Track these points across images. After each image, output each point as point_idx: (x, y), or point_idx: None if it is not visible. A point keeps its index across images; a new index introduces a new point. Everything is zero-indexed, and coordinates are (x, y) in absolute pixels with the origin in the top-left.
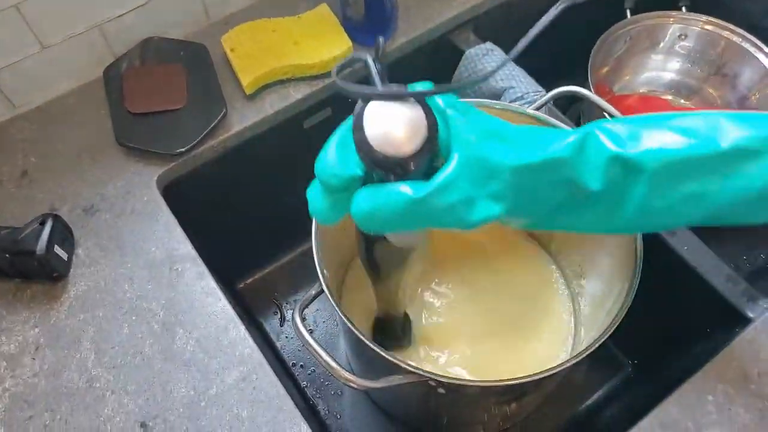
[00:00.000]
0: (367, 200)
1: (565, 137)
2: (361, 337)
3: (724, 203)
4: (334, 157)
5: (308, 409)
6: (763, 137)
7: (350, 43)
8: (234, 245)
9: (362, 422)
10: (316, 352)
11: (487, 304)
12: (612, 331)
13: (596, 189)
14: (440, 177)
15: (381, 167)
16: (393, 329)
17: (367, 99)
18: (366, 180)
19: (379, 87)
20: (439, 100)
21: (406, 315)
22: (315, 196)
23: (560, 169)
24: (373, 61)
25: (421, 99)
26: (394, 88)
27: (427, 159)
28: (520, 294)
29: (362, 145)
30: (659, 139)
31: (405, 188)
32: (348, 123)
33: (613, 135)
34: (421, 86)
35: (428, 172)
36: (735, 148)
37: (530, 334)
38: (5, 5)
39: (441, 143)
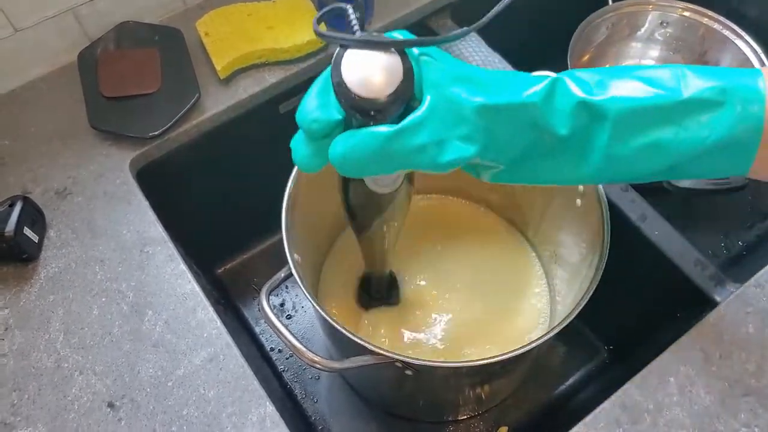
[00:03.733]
0: (343, 141)
1: (535, 83)
2: (325, 315)
3: (684, 153)
4: (315, 103)
5: (284, 394)
6: (723, 89)
7: (325, 28)
8: (212, 229)
9: (339, 406)
10: (282, 333)
11: (466, 289)
12: (568, 322)
13: (563, 134)
14: (411, 117)
15: (358, 111)
16: (378, 287)
17: (346, 46)
18: (346, 127)
19: (358, 34)
20: (414, 49)
21: (391, 274)
22: (298, 144)
23: (529, 112)
24: (353, 9)
25: (398, 47)
26: (373, 35)
27: (402, 103)
28: (499, 279)
29: (341, 89)
30: (624, 87)
31: (378, 129)
32: (327, 71)
33: (581, 82)
34: (398, 34)
35: (404, 117)
36: (696, 98)
37: (508, 317)
38: None
39: (416, 88)
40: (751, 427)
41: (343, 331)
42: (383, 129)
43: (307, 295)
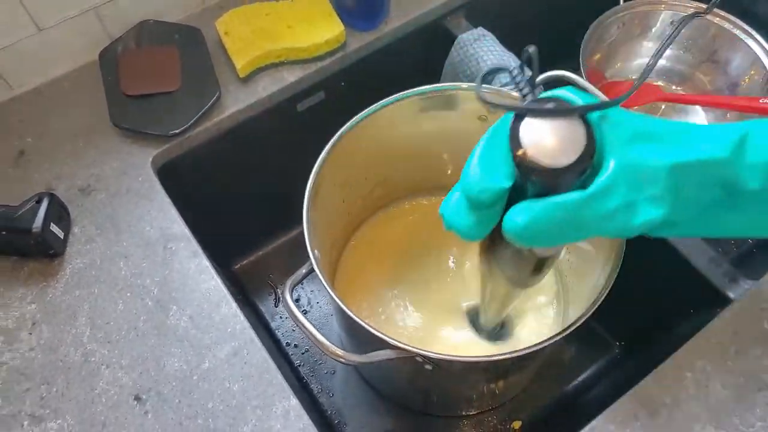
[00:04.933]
0: (526, 212)
1: (721, 135)
2: (347, 310)
3: None
4: (480, 170)
5: (301, 388)
6: None
7: (342, 27)
8: (229, 226)
9: (354, 401)
10: (305, 327)
11: (474, 286)
12: (587, 316)
13: (755, 188)
14: (599, 180)
15: (540, 180)
16: (489, 327)
17: (526, 114)
18: (513, 194)
19: (530, 99)
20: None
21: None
22: (458, 212)
23: (718, 168)
24: (519, 69)
25: (581, 112)
26: (551, 103)
27: (584, 170)
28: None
29: (523, 159)
30: None
31: (565, 197)
32: (488, 135)
33: None
34: (569, 93)
35: (583, 186)
36: None
37: (518, 314)
38: None
39: (597, 152)
40: (767, 422)
41: (365, 326)
42: (572, 196)
43: (329, 290)
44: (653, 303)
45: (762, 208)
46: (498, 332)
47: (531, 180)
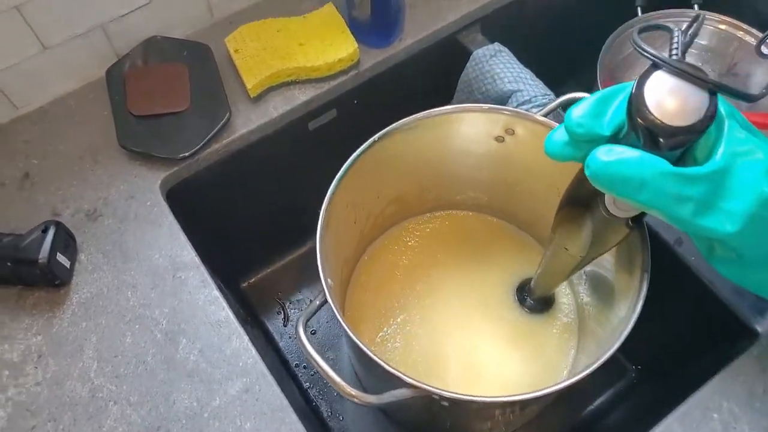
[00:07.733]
0: (614, 154)
1: None
2: (365, 349)
3: None
4: (588, 109)
5: (310, 411)
6: None
7: (356, 45)
8: (238, 246)
9: (364, 424)
10: (322, 368)
11: (491, 309)
12: (614, 350)
13: None
14: (697, 167)
15: (641, 128)
16: (537, 299)
17: (661, 66)
18: (614, 140)
19: (675, 58)
20: (722, 108)
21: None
22: (555, 132)
23: None
24: (681, 33)
25: (712, 88)
26: (692, 67)
27: (686, 142)
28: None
29: (636, 100)
30: None
31: (657, 158)
32: (618, 86)
33: None
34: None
35: (672, 160)
36: None
37: (534, 341)
38: (6, 6)
39: (704, 139)
40: None
41: (382, 364)
42: (663, 164)
43: (345, 326)
44: (674, 331)
45: None
46: (542, 305)
47: (632, 124)
